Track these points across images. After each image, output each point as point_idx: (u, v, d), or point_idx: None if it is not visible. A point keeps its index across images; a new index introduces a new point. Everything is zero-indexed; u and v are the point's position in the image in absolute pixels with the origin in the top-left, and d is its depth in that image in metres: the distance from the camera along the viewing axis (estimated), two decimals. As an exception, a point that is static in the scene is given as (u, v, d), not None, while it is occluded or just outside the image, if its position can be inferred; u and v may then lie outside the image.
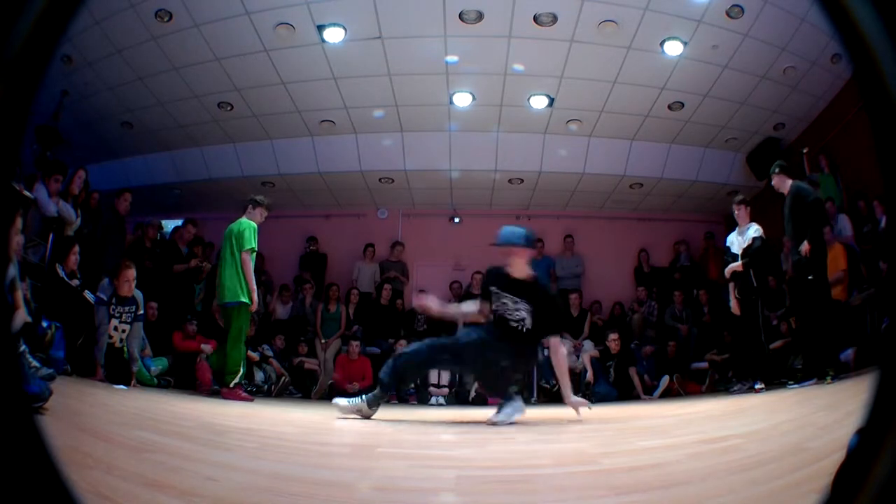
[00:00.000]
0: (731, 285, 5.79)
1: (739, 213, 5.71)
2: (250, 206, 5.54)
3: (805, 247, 5.07)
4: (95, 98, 7.07)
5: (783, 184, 5.44)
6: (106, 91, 6.99)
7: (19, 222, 3.72)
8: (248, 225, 5.42)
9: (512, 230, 4.00)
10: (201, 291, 7.36)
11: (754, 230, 5.57)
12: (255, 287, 5.33)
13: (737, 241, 5.74)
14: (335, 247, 9.30)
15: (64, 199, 5.92)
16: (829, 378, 4.83)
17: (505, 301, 3.84)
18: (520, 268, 3.86)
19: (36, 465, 0.67)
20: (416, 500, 1.54)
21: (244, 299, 5.29)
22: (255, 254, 5.39)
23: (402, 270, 9.00)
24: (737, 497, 1.42)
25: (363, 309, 8.32)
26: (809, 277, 5.10)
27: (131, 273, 5.36)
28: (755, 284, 5.54)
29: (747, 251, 5.56)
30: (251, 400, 5.28)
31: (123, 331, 5.26)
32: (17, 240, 3.17)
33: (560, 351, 3.87)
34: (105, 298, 5.17)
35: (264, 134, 7.93)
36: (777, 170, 5.50)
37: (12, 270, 3.00)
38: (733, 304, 5.76)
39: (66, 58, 6.20)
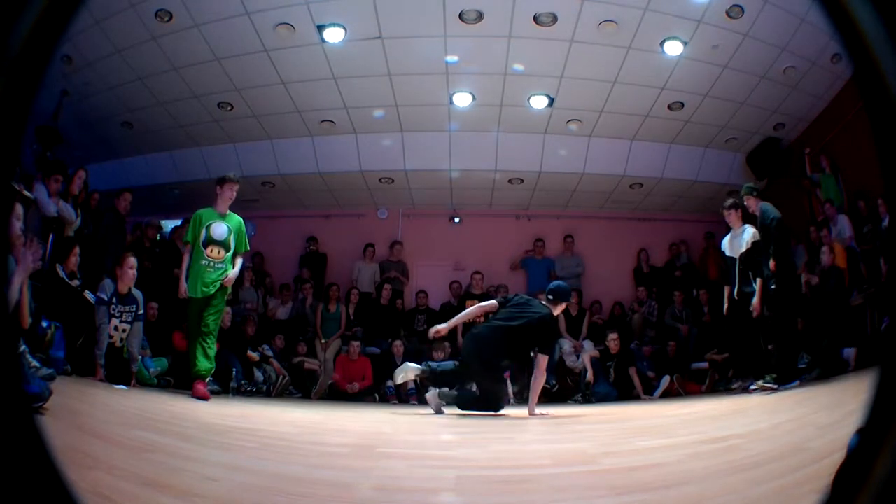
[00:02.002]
0: (726, 288, 5.88)
1: (730, 217, 5.77)
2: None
3: (770, 264, 5.28)
4: (95, 98, 7.06)
5: (755, 206, 5.59)
6: (106, 91, 6.98)
7: (19, 209, 3.68)
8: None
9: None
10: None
11: (752, 233, 5.59)
12: (180, 278, 5.09)
13: (730, 245, 5.80)
14: (335, 247, 9.29)
15: (64, 199, 5.91)
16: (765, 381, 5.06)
17: None
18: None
19: (36, 465, 0.67)
20: (417, 500, 1.54)
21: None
22: (193, 243, 5.11)
23: (402, 270, 8.99)
24: (737, 497, 1.43)
25: (363, 309, 8.31)
26: (773, 287, 5.31)
27: (133, 261, 5.34)
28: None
29: (751, 254, 5.59)
30: (206, 398, 4.83)
31: (124, 330, 5.25)
32: (18, 232, 3.15)
33: None
34: (105, 298, 5.16)
35: (264, 134, 7.93)
36: (754, 192, 5.66)
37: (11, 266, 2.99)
38: (726, 307, 5.87)
39: (66, 58, 6.19)
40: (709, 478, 1.68)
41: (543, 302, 4.80)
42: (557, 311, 4.79)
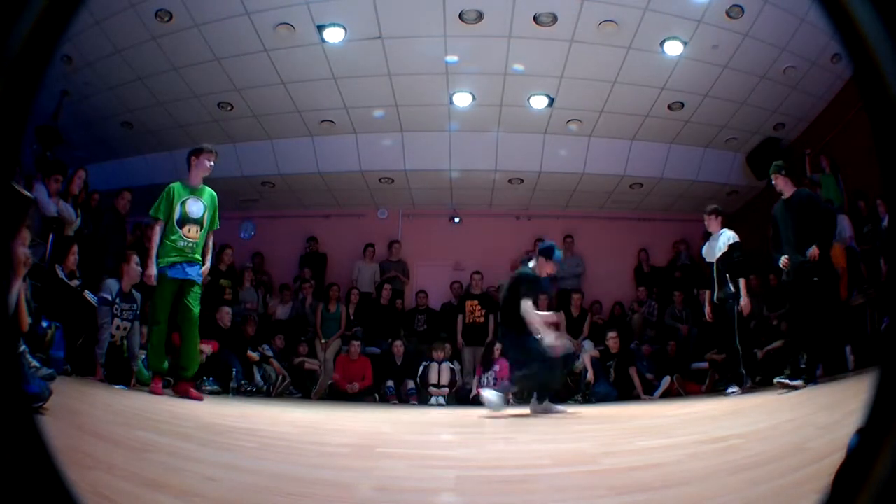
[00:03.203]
0: (706, 293, 5.98)
1: (711, 222, 5.86)
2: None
3: (813, 251, 4.93)
4: (95, 98, 7.06)
5: (787, 186, 5.32)
6: (106, 91, 6.98)
7: (26, 234, 3.64)
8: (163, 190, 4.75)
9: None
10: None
11: (728, 237, 5.70)
12: (149, 260, 4.55)
13: (708, 250, 5.89)
14: (335, 247, 9.29)
15: (64, 199, 5.91)
16: (803, 382, 4.80)
17: None
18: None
19: (36, 465, 0.67)
20: (417, 500, 1.54)
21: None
22: (160, 222, 4.61)
23: (402, 270, 8.99)
24: (737, 497, 1.42)
25: (363, 309, 8.32)
26: (815, 279, 4.97)
27: (137, 258, 5.34)
28: (735, 289, 5.61)
29: (726, 257, 5.65)
30: (200, 399, 4.60)
31: (125, 329, 5.26)
32: (25, 253, 3.11)
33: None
34: (110, 298, 5.15)
35: (264, 134, 7.93)
36: (783, 171, 5.36)
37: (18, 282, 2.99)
38: (707, 311, 5.99)
39: (66, 58, 6.19)
40: (709, 478, 1.68)
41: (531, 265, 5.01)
42: (542, 270, 4.94)
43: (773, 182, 5.39)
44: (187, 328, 4.65)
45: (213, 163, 4.81)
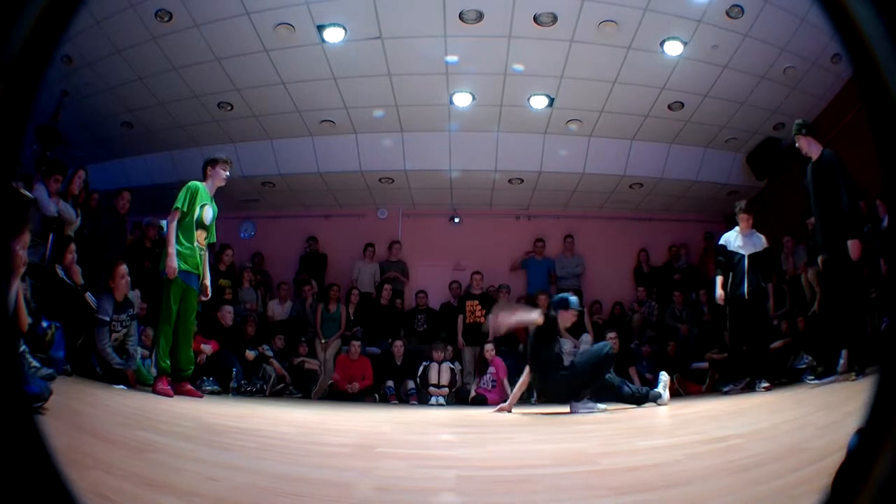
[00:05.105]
0: (718, 279, 5.81)
1: (744, 220, 5.82)
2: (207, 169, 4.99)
3: (855, 249, 4.42)
4: (95, 98, 7.06)
5: (812, 147, 4.72)
6: (106, 91, 6.99)
7: (27, 237, 3.64)
8: (186, 185, 4.80)
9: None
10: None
11: (763, 239, 5.73)
12: (171, 252, 4.53)
13: (737, 241, 5.82)
14: (335, 247, 9.30)
15: (64, 199, 5.91)
16: (853, 374, 4.52)
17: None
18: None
19: (36, 465, 0.67)
20: (417, 500, 1.54)
21: (162, 268, 4.61)
22: (185, 216, 4.67)
23: (402, 270, 9.00)
24: (737, 497, 1.43)
25: (363, 309, 8.32)
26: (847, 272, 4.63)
27: (123, 269, 5.32)
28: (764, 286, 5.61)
29: (763, 256, 5.67)
30: (171, 395, 4.58)
31: (121, 336, 5.27)
32: (23, 255, 3.10)
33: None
34: (108, 319, 5.13)
35: (264, 134, 7.93)
36: (803, 131, 4.76)
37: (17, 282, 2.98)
38: (719, 294, 5.75)
39: (66, 58, 6.19)
40: (709, 478, 1.68)
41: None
42: (565, 321, 5.15)
43: (797, 145, 4.84)
44: (186, 333, 4.87)
45: (228, 173, 5.04)
